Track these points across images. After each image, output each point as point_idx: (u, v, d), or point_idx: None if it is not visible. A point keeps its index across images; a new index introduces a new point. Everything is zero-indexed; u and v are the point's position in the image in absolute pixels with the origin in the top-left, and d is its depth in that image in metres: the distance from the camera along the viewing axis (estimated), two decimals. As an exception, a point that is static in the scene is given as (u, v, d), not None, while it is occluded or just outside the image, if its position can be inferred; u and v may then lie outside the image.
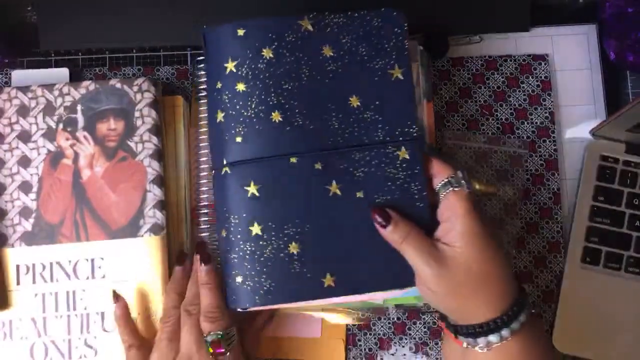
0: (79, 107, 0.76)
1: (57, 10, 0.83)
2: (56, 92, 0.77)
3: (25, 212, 0.74)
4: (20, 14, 0.85)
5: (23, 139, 0.76)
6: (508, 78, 0.84)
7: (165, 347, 0.66)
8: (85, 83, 0.77)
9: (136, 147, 0.76)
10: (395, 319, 0.80)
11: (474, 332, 0.62)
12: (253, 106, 0.66)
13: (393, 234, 0.64)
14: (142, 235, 0.74)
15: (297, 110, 0.67)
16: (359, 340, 0.79)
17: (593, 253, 0.79)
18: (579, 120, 0.84)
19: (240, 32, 0.67)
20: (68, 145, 0.76)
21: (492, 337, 0.61)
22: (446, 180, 0.65)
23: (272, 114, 0.66)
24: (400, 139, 0.68)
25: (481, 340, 0.62)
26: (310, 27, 0.68)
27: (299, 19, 0.68)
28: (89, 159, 0.76)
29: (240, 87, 0.67)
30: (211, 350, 0.65)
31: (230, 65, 0.67)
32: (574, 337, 0.78)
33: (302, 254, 0.65)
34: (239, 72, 0.67)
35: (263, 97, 0.66)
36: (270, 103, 0.66)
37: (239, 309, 0.66)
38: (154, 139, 0.76)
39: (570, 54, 0.85)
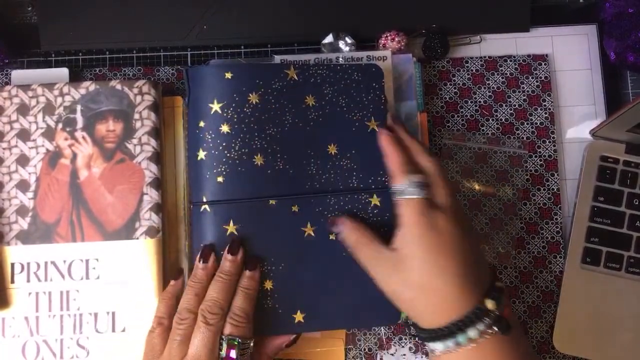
0: (78, 107, 0.76)
1: (57, 10, 0.83)
2: (56, 92, 0.77)
3: (21, 211, 0.74)
4: (20, 14, 0.86)
5: (22, 137, 0.76)
6: (508, 78, 0.84)
7: (175, 348, 0.65)
8: (86, 83, 0.77)
9: (134, 149, 0.76)
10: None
11: (418, 335, 0.66)
12: (237, 148, 0.69)
13: (345, 241, 0.69)
14: (138, 238, 0.74)
15: (278, 155, 0.70)
16: (359, 340, 0.79)
17: (593, 253, 0.79)
18: (579, 120, 0.83)
19: (228, 75, 0.70)
20: (66, 145, 0.76)
21: (437, 345, 0.64)
22: (397, 188, 0.67)
23: (255, 157, 0.69)
24: (373, 187, 0.72)
25: (430, 345, 0.65)
26: (295, 77, 0.72)
27: (285, 67, 0.71)
28: (87, 160, 0.75)
29: (225, 128, 0.69)
30: (223, 354, 0.64)
31: (216, 106, 0.69)
32: (574, 337, 0.77)
33: (275, 291, 0.69)
34: (225, 114, 0.69)
35: (247, 140, 0.69)
36: (254, 146, 0.70)
37: None
38: (153, 142, 0.76)
39: (570, 54, 0.85)
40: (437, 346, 0.63)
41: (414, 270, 0.64)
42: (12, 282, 0.74)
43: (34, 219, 0.74)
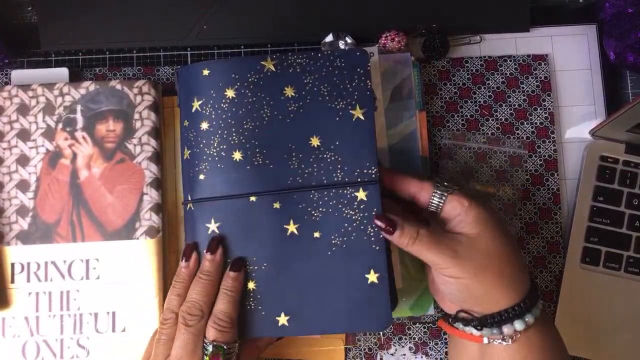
0: (78, 107, 0.77)
1: (57, 10, 0.83)
2: (56, 92, 0.77)
3: (22, 211, 0.75)
4: (20, 14, 0.86)
5: (22, 137, 0.76)
6: (508, 78, 0.84)
7: (160, 347, 0.65)
8: (86, 83, 0.77)
9: (135, 149, 0.76)
10: (395, 319, 0.79)
11: (500, 319, 0.63)
12: (215, 145, 0.68)
13: (401, 238, 0.65)
14: (138, 238, 0.75)
15: (257, 150, 0.68)
16: (359, 340, 0.79)
17: (593, 253, 0.79)
18: (579, 120, 0.83)
19: (205, 72, 0.69)
20: (67, 145, 0.76)
21: (518, 324, 0.62)
22: (437, 192, 0.66)
23: (234, 153, 0.68)
24: (359, 180, 0.68)
25: (507, 329, 0.63)
26: (273, 68, 0.69)
27: (262, 59, 0.69)
28: (87, 160, 0.76)
29: (204, 125, 0.69)
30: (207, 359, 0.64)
31: (196, 104, 0.69)
32: (574, 337, 0.77)
33: (257, 292, 0.67)
34: (203, 111, 0.69)
35: (225, 136, 0.68)
36: (232, 142, 0.68)
37: None
38: (153, 142, 0.76)
39: (570, 54, 0.85)
40: (517, 325, 0.62)
41: (494, 246, 0.63)
42: (12, 282, 0.74)
43: (34, 219, 0.74)
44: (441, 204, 0.66)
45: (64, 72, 0.81)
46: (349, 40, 0.81)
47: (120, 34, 0.84)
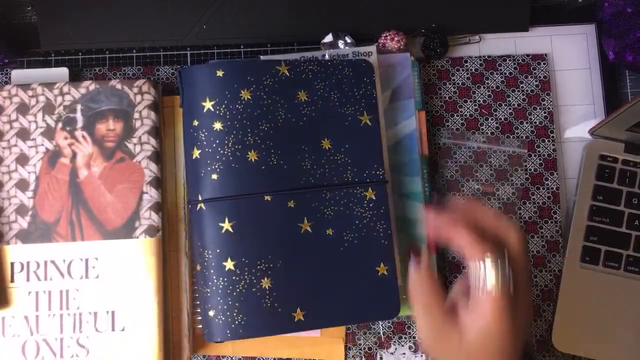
0: (78, 107, 0.77)
1: (57, 10, 0.83)
2: (56, 91, 0.77)
3: (21, 210, 0.75)
4: (20, 14, 0.86)
5: (22, 136, 0.76)
6: (507, 78, 0.84)
7: None
8: (86, 83, 0.77)
9: (134, 148, 0.76)
10: (395, 318, 0.79)
11: None
12: (230, 145, 0.69)
13: (411, 275, 0.61)
14: (137, 237, 0.75)
15: (272, 151, 0.70)
16: (359, 339, 0.79)
17: (592, 252, 0.79)
18: (578, 120, 0.84)
19: (220, 73, 0.70)
20: (66, 145, 0.76)
21: None
22: (481, 269, 0.56)
23: (249, 153, 0.69)
24: (368, 180, 0.72)
25: None
26: (287, 72, 0.72)
27: (276, 64, 0.72)
28: (87, 159, 0.76)
29: (218, 125, 0.69)
30: None
31: (208, 104, 0.70)
32: (573, 337, 0.77)
33: (273, 289, 0.69)
34: (217, 112, 0.70)
35: (240, 136, 0.70)
36: (247, 143, 0.70)
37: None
38: (153, 141, 0.76)
39: (569, 53, 0.85)
40: None
41: (471, 356, 0.57)
42: (12, 281, 0.74)
43: (33, 218, 0.74)
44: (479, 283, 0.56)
45: (64, 71, 0.81)
46: (348, 40, 0.81)
47: (120, 34, 0.84)
